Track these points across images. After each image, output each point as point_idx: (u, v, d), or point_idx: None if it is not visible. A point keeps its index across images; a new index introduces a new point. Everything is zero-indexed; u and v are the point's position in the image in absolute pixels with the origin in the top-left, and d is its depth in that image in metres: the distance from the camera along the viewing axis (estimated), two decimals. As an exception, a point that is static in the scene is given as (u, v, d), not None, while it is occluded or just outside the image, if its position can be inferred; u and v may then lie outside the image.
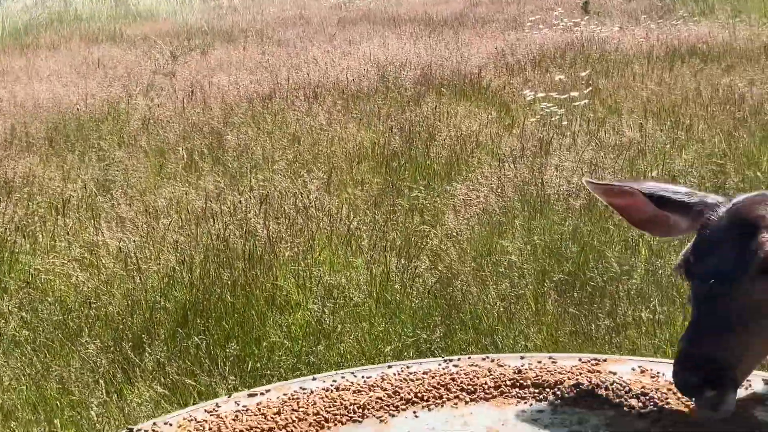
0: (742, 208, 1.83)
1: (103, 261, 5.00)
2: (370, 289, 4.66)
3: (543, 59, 11.35)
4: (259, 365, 4.10)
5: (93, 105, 9.65)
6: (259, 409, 1.84)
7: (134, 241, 5.16)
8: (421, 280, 4.80)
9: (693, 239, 1.89)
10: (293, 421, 1.78)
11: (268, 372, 4.01)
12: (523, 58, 11.38)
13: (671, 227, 1.99)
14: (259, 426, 1.77)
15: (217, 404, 1.91)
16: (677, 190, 2.00)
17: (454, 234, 5.28)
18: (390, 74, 10.43)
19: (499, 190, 5.83)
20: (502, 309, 4.52)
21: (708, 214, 1.88)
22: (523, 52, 11.77)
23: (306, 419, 1.79)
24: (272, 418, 1.80)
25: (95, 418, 3.58)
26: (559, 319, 4.38)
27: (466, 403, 1.84)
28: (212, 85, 10.46)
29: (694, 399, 1.71)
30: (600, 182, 2.06)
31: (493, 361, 2.02)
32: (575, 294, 4.60)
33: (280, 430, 1.76)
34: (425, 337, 4.28)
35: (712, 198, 1.95)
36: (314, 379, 2.02)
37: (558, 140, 7.26)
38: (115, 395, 3.83)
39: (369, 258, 4.98)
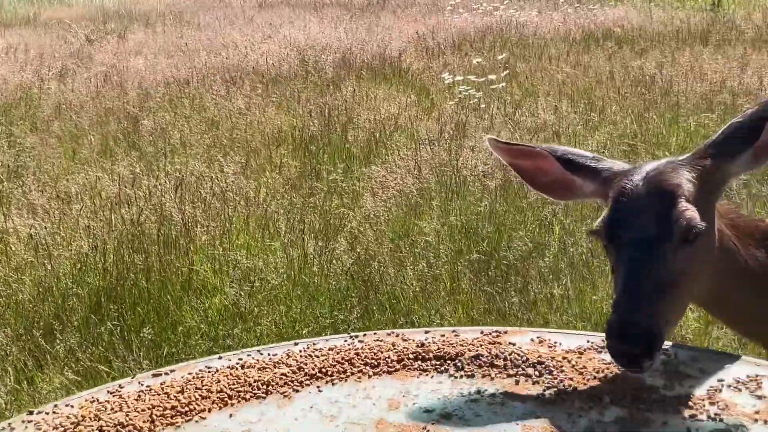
0: (658, 176, 1.89)
1: (13, 248, 4.89)
2: (287, 271, 4.66)
3: (463, 43, 11.46)
4: (175, 350, 4.07)
5: (5, 90, 9.38)
6: (163, 389, 1.83)
7: (46, 228, 5.06)
8: (338, 262, 4.82)
9: (610, 205, 1.94)
10: (196, 399, 1.78)
11: (184, 357, 3.98)
12: (443, 42, 11.46)
13: (575, 191, 2.05)
14: (161, 405, 1.76)
15: (120, 385, 1.90)
16: (584, 155, 2.06)
17: (372, 216, 5.31)
18: (310, 58, 10.40)
19: (416, 172, 5.88)
20: (418, 289, 4.57)
21: (623, 181, 1.93)
22: (443, 36, 11.86)
23: (209, 397, 1.80)
24: (175, 396, 1.79)
25: (4, 406, 3.51)
26: (474, 298, 4.45)
27: (370, 376, 1.86)
28: (129, 69, 10.27)
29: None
30: (507, 142, 2.09)
31: (398, 336, 2.05)
32: (490, 273, 4.68)
33: (183, 408, 1.76)
34: (342, 318, 4.30)
35: (619, 165, 2.01)
36: (220, 358, 2.02)
37: (476, 123, 7.35)
38: (26, 383, 3.76)
39: (286, 241, 4.97)
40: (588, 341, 1.94)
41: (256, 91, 8.56)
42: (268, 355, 1.99)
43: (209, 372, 1.92)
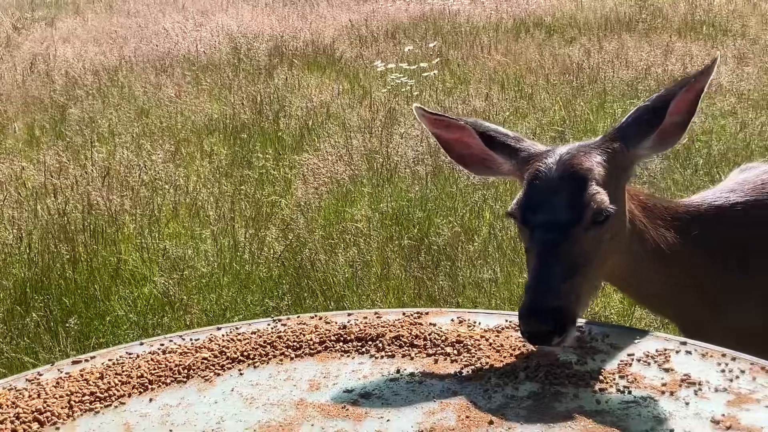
0: (571, 160, 1.95)
1: (-66, 240, 4.77)
2: (217, 260, 4.64)
3: (396, 31, 11.49)
4: (103, 340, 4.02)
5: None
6: (82, 375, 1.82)
7: (-32, 219, 4.95)
8: (269, 250, 4.81)
9: (524, 188, 1.99)
10: (116, 385, 1.78)
11: (112, 347, 3.94)
12: (376, 30, 11.48)
13: (493, 168, 2.10)
14: (80, 391, 1.75)
15: (39, 373, 1.88)
16: (506, 133, 2.11)
17: (303, 203, 5.31)
18: (242, 46, 10.31)
19: (347, 160, 5.89)
20: (349, 275, 4.60)
21: (537, 163, 1.98)
22: (376, 25, 11.87)
23: (129, 382, 1.79)
24: (94, 383, 1.78)
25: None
26: (404, 283, 4.49)
27: (292, 359, 1.88)
28: (56, 57, 10.06)
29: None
30: (431, 111, 2.13)
31: (321, 318, 2.07)
32: (420, 258, 4.72)
33: (102, 394, 1.75)
34: (274, 305, 4.30)
35: (538, 147, 2.06)
36: (141, 344, 2.01)
37: (408, 110, 7.39)
38: (-52, 377, 3.68)
39: (216, 229, 4.95)
40: (506, 320, 1.98)
41: (186, 79, 8.46)
42: (191, 340, 1.99)
43: (130, 358, 1.92)
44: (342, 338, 1.94)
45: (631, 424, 1.54)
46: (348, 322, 2.02)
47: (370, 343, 1.91)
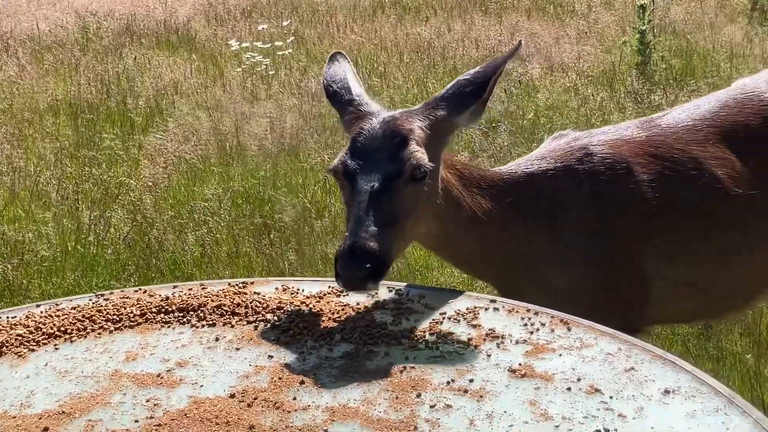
0: (394, 121, 2.08)
1: None
2: (60, 242, 4.52)
3: (253, 10, 11.37)
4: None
5: None
6: None
7: None
8: (116, 231, 4.72)
9: (348, 144, 2.09)
10: None
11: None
12: (233, 9, 11.32)
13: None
14: None
15: None
16: (350, 89, 2.19)
17: (152, 184, 5.23)
18: (91, 24, 9.98)
19: (197, 139, 5.83)
20: (199, 254, 4.57)
21: (362, 123, 2.08)
22: (233, 3, 11.71)
23: (-63, 363, 1.74)
24: None
25: None
26: (255, 260, 4.50)
27: (111, 332, 1.87)
28: None
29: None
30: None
31: (144, 291, 2.06)
32: (271, 235, 4.74)
33: None
34: (120, 286, 4.22)
35: (369, 107, 2.15)
36: (-45, 324, 1.95)
37: (264, 90, 7.37)
38: None
39: (59, 212, 4.81)
40: (329, 286, 2.02)
41: (28, 59, 8.14)
42: (7, 318, 1.95)
43: (-59, 338, 1.86)
44: (164, 309, 1.94)
45: (434, 377, 1.61)
46: (172, 294, 2.03)
47: (191, 313, 1.92)
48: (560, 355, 1.67)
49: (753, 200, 2.45)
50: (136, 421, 1.51)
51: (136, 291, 2.08)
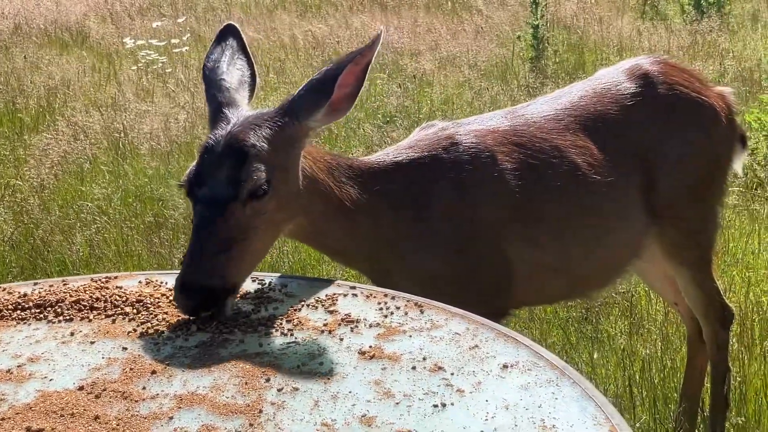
0: (237, 134, 2.01)
1: None
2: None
3: (150, 7, 11.22)
4: None
5: None
6: None
7: None
8: (0, 233, 4.61)
9: (197, 159, 2.05)
10: None
11: None
12: (128, 6, 11.15)
13: None
14: None
15: None
16: (221, 81, 2.14)
17: (38, 184, 5.12)
18: (-20, 23, 9.70)
19: (85, 138, 5.73)
20: (88, 254, 4.50)
21: (210, 134, 2.05)
22: (128, 1, 11.52)
23: None
24: None
25: None
26: (144, 259, 4.45)
27: (-37, 331, 1.84)
28: None
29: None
30: None
31: (4, 289, 2.03)
32: (162, 234, 4.70)
33: None
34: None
35: (228, 108, 2.09)
36: None
37: (160, 87, 7.28)
38: None
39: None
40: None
41: None
42: None
43: None
44: (20, 306, 1.91)
45: (285, 362, 1.64)
46: (32, 291, 2.00)
47: (49, 309, 1.91)
48: (410, 336, 1.72)
49: (611, 186, 2.55)
50: (-20, 416, 1.49)
51: (3, 290, 2.04)
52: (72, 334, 1.80)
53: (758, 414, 3.01)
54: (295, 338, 1.74)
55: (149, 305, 1.90)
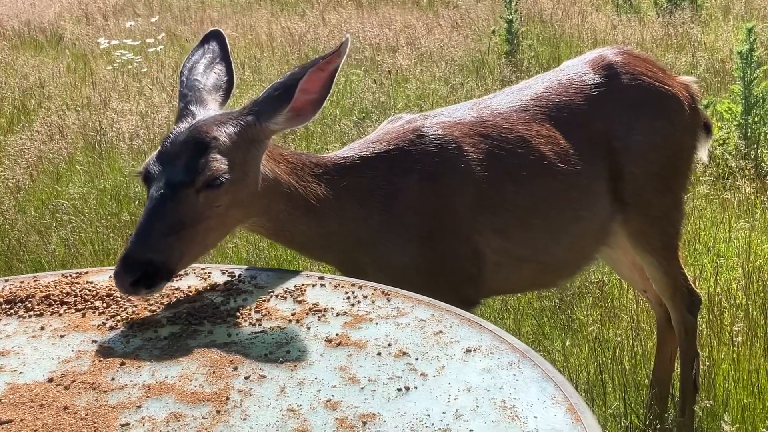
0: (200, 127, 2.05)
1: None
2: None
3: (125, 7, 11.19)
4: None
5: None
6: None
7: None
8: (-25, 235, 4.61)
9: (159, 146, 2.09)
10: None
11: None
12: (103, 7, 11.11)
13: None
14: None
15: None
16: (194, 82, 2.18)
17: (13, 185, 5.11)
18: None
19: (61, 138, 5.72)
20: (64, 253, 4.50)
21: (173, 127, 2.09)
22: (103, 1, 11.49)
23: None
24: None
25: None
26: (121, 257, 4.45)
27: (-67, 328, 1.85)
28: None
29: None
30: None
31: (-24, 287, 2.05)
32: (138, 232, 4.70)
33: None
34: (-21, 291, 4.12)
35: (194, 107, 2.13)
36: None
37: (136, 87, 7.27)
38: None
39: None
40: (164, 273, 2.05)
41: None
42: None
43: None
44: (-10, 302, 1.93)
45: (253, 351, 1.67)
46: (2, 287, 2.02)
47: (19, 304, 1.92)
48: (376, 324, 1.75)
49: (577, 175, 2.59)
50: (-51, 409, 1.51)
51: (-18, 287, 2.06)
52: (42, 328, 1.81)
53: (726, 398, 3.07)
54: (263, 328, 1.77)
55: (119, 299, 1.92)
